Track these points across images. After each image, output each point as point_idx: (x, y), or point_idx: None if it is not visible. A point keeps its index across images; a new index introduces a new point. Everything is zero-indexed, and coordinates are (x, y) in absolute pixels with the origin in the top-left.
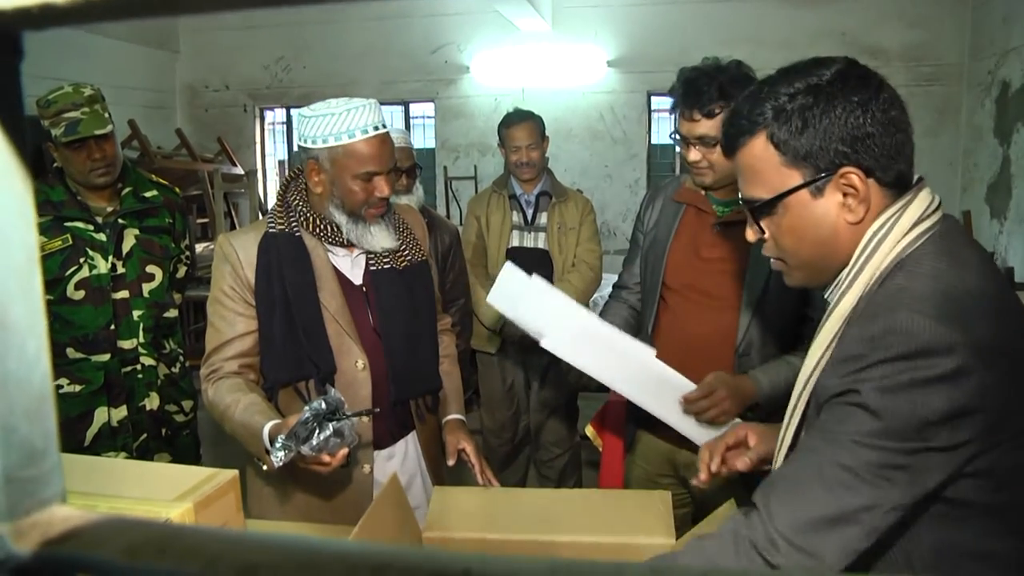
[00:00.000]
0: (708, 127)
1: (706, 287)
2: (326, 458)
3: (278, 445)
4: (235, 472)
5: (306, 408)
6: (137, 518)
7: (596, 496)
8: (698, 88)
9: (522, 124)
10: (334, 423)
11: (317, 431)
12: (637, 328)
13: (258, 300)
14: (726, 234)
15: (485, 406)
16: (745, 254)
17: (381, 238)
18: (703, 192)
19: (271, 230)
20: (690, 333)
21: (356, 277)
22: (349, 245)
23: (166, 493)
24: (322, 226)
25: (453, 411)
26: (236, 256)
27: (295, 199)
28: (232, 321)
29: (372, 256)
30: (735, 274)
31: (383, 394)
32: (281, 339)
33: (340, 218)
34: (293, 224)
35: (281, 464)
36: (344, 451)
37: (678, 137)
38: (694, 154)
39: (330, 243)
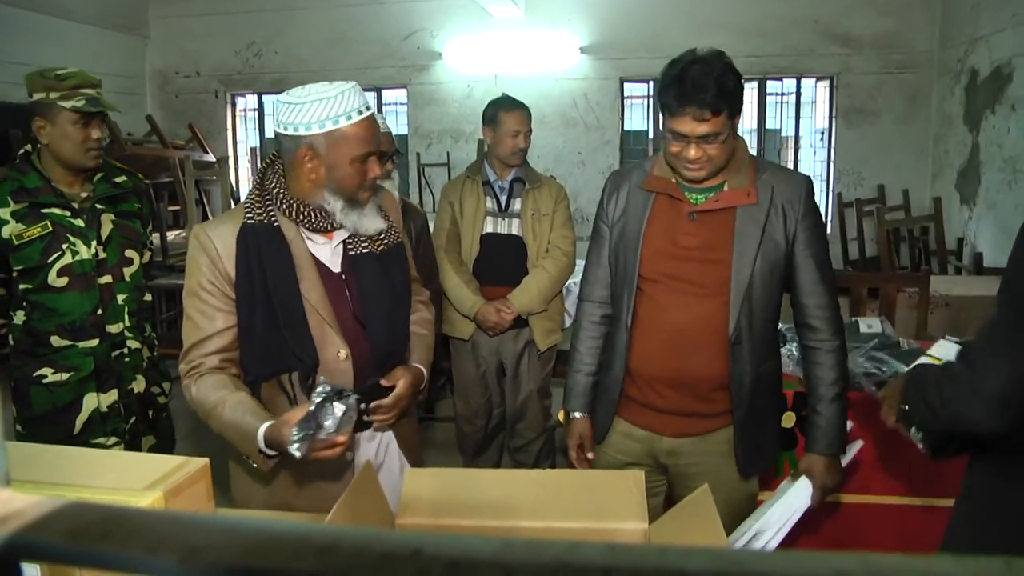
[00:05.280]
0: (714, 124)
1: (688, 276)
2: (340, 438)
3: (295, 437)
4: (206, 460)
5: (314, 395)
6: (83, 502)
7: (570, 476)
8: (701, 86)
9: (519, 110)
10: (341, 402)
11: (333, 412)
12: (607, 338)
13: (238, 294)
14: (703, 222)
15: (458, 392)
16: (725, 242)
17: (373, 221)
18: (674, 180)
19: (249, 221)
20: (676, 322)
21: (335, 265)
22: (328, 231)
23: (136, 482)
24: (305, 212)
25: (415, 360)
26: (214, 248)
27: (274, 186)
28: (211, 316)
29: (350, 241)
30: (717, 262)
31: (364, 382)
32: (263, 332)
33: (335, 204)
34: (271, 213)
35: (301, 456)
36: (350, 428)
37: (671, 135)
38: (695, 151)
39: (312, 230)
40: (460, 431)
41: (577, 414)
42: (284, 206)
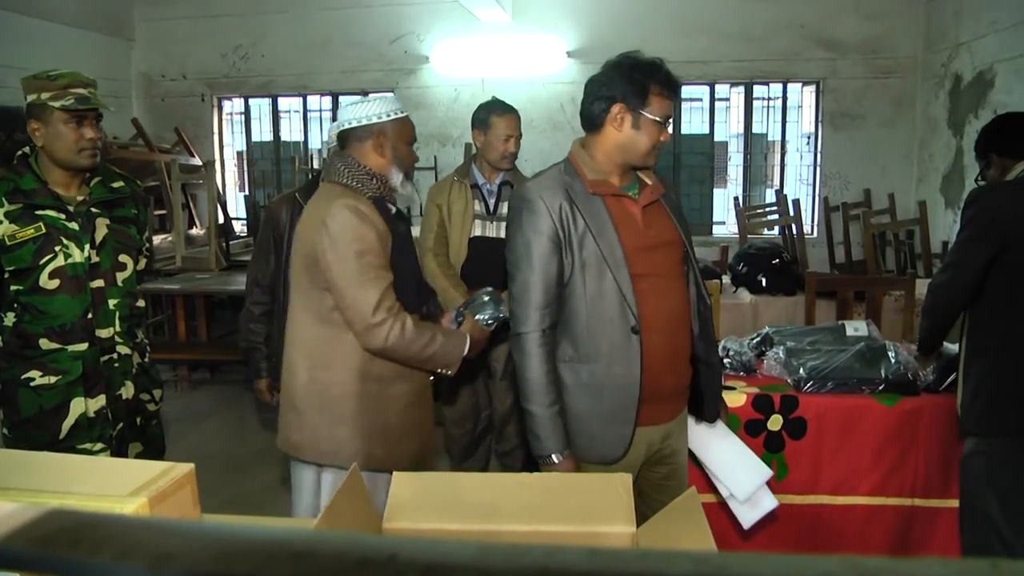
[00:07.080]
0: None
1: (662, 263)
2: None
3: (500, 312)
4: (191, 466)
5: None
6: (56, 509)
7: (557, 480)
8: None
9: (511, 114)
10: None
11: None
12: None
13: (396, 250)
14: (648, 213)
15: (447, 396)
16: (670, 227)
17: (416, 196)
18: (613, 181)
19: (371, 196)
20: (670, 308)
21: None
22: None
23: (120, 488)
24: (387, 190)
25: None
26: (374, 223)
27: (367, 167)
28: (387, 270)
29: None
30: (673, 246)
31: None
32: (410, 278)
33: (398, 178)
34: (373, 190)
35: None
36: None
37: (652, 122)
38: (666, 134)
39: (389, 204)
40: (448, 434)
41: (560, 456)
42: (379, 183)
